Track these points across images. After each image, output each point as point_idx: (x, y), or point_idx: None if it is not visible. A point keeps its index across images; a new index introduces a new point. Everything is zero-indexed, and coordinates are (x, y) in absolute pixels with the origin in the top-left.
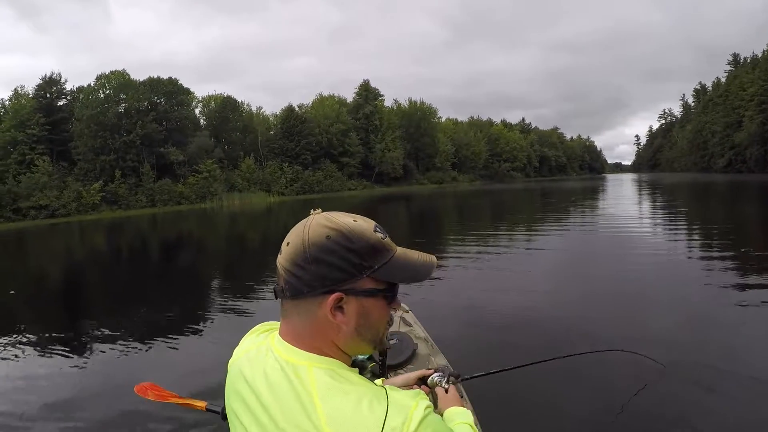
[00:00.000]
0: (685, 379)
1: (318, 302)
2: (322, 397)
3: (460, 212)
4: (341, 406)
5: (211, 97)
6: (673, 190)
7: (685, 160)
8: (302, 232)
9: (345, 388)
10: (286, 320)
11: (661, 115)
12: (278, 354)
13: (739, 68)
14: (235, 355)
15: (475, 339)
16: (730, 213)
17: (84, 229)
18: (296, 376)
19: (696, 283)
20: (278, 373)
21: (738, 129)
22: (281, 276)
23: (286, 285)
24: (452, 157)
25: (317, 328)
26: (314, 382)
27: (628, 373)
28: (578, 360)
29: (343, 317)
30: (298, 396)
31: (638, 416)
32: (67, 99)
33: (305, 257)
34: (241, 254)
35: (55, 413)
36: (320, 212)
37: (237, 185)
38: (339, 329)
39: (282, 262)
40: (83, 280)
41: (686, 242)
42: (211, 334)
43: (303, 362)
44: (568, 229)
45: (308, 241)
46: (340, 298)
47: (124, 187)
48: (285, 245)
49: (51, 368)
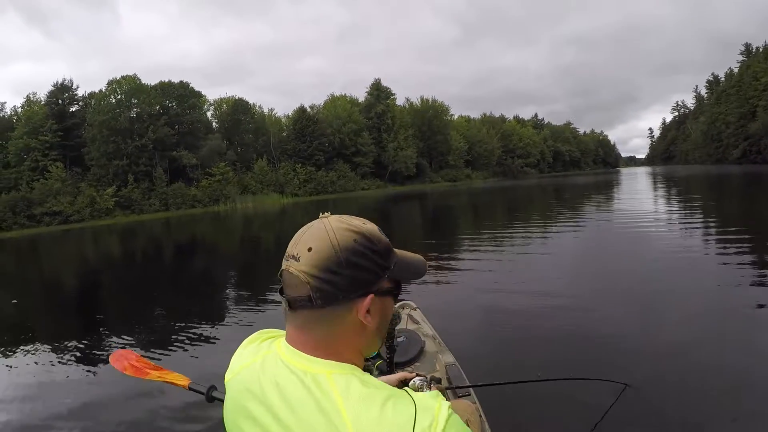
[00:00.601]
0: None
1: (350, 307)
2: (347, 406)
3: (473, 210)
4: (368, 412)
5: (222, 99)
6: (689, 183)
7: (699, 152)
8: (328, 237)
9: (369, 393)
10: (302, 330)
11: (674, 108)
12: (293, 364)
13: (751, 58)
14: (233, 369)
15: (484, 338)
16: (750, 207)
17: (98, 234)
18: (317, 387)
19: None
20: (296, 385)
21: (752, 119)
22: (303, 285)
23: (317, 293)
24: (465, 154)
25: (343, 334)
26: (336, 390)
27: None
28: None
29: (369, 318)
30: (322, 408)
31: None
32: (79, 105)
33: (339, 262)
34: (255, 257)
35: (66, 421)
36: (329, 215)
37: (250, 187)
38: (364, 331)
39: (305, 269)
40: (97, 285)
41: (708, 240)
42: (226, 340)
43: (322, 370)
44: (582, 226)
45: (339, 246)
46: (371, 301)
47: (138, 191)
48: (306, 251)
49: (64, 375)
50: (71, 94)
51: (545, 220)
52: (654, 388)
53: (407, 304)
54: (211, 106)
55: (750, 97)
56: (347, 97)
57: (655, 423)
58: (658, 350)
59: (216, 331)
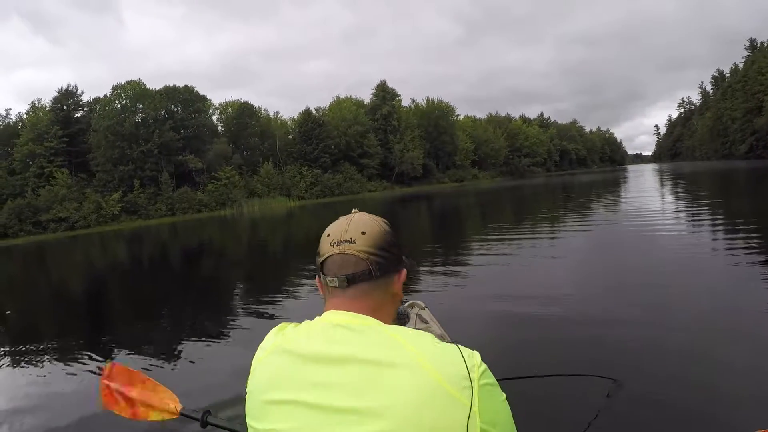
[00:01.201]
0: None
1: (392, 278)
2: (404, 339)
3: (481, 211)
4: (424, 343)
5: (228, 103)
6: (697, 179)
7: (705, 148)
8: (376, 224)
9: (416, 332)
10: (358, 300)
11: (679, 104)
12: (344, 322)
13: (756, 53)
14: (264, 350)
15: (492, 338)
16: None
17: (104, 240)
18: (372, 330)
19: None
20: (350, 334)
21: (758, 114)
22: (362, 261)
23: (375, 266)
24: (472, 154)
25: (386, 302)
26: (390, 331)
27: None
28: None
29: (399, 290)
30: (380, 340)
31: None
32: (84, 111)
33: (387, 241)
34: (263, 261)
35: (72, 428)
36: (359, 211)
37: (256, 191)
38: (395, 299)
39: (364, 248)
40: (103, 291)
41: (717, 238)
42: (234, 347)
43: (374, 323)
44: (590, 225)
45: (385, 230)
46: (406, 274)
47: (143, 196)
48: (360, 234)
49: (70, 383)
50: (76, 100)
51: (552, 220)
52: (656, 386)
53: (416, 303)
54: (216, 110)
55: (756, 92)
56: (353, 99)
57: (652, 420)
58: (663, 348)
59: (223, 339)
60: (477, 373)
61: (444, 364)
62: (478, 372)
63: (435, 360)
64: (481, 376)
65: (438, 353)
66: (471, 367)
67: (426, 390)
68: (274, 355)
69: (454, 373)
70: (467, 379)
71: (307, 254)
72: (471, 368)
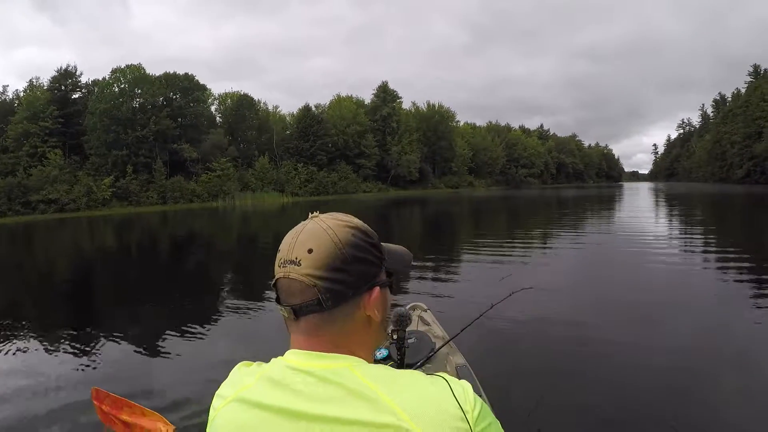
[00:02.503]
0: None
1: (357, 302)
2: (382, 389)
3: (475, 220)
4: (406, 389)
5: (227, 94)
6: (694, 201)
7: (702, 170)
8: (327, 235)
9: (397, 374)
10: (311, 335)
11: (679, 125)
12: (306, 366)
13: (759, 79)
14: (223, 399)
15: (492, 341)
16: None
17: (93, 224)
18: (343, 378)
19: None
20: (317, 384)
21: (757, 140)
22: (309, 288)
23: (327, 294)
24: (469, 161)
25: (354, 331)
26: (365, 378)
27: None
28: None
29: (376, 312)
30: (352, 391)
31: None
32: (82, 92)
33: (344, 259)
34: (252, 255)
35: (52, 414)
36: (318, 214)
37: (250, 184)
38: (370, 324)
39: (309, 272)
40: (88, 277)
41: (709, 261)
42: (217, 338)
43: (342, 365)
44: (583, 241)
45: (341, 242)
46: (378, 293)
47: (136, 183)
48: (306, 253)
49: (51, 367)
50: (74, 81)
51: (545, 236)
52: (650, 401)
53: (418, 306)
54: (215, 100)
55: (756, 118)
56: (353, 98)
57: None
58: (653, 363)
59: (207, 329)
60: (473, 419)
61: (433, 417)
62: (474, 417)
63: (421, 413)
64: (477, 420)
65: (425, 403)
66: (466, 414)
67: None
68: (233, 407)
69: (446, 426)
70: (462, 430)
71: None
72: (466, 413)
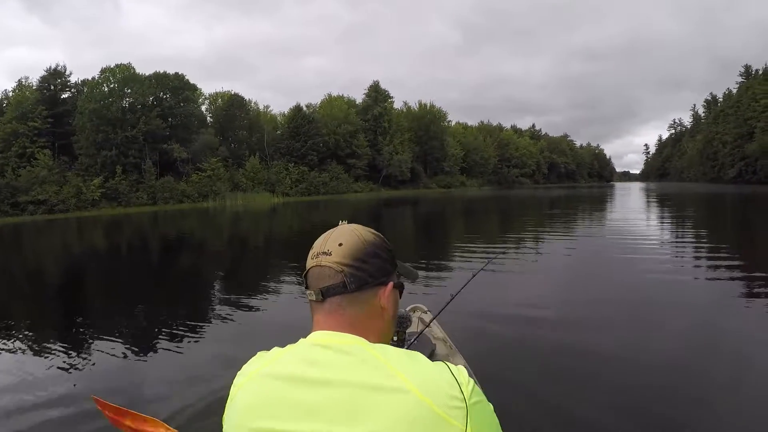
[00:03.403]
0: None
1: (374, 292)
2: (390, 361)
3: (466, 220)
4: (411, 364)
5: (218, 94)
6: (686, 203)
7: (694, 170)
8: (355, 234)
9: (405, 352)
10: (334, 314)
11: (671, 125)
12: (326, 342)
13: (751, 79)
14: (244, 376)
15: (489, 340)
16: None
17: (82, 225)
18: (357, 351)
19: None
20: (334, 355)
21: (749, 140)
22: (337, 274)
23: (350, 279)
24: (461, 161)
25: (370, 317)
26: (375, 352)
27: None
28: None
29: (387, 305)
30: (367, 363)
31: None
32: (71, 92)
33: (366, 252)
34: (243, 256)
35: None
36: (347, 223)
37: (241, 185)
38: (383, 317)
39: (339, 260)
40: (78, 279)
41: (700, 260)
42: (209, 339)
43: (356, 342)
44: (574, 239)
45: (365, 241)
46: (391, 288)
47: (125, 183)
48: (337, 246)
49: (40, 369)
50: (64, 80)
51: (536, 235)
52: (645, 399)
53: (418, 308)
54: (206, 99)
55: (748, 118)
56: (344, 98)
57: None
58: (644, 362)
59: (198, 331)
60: (467, 392)
61: (433, 385)
62: (468, 390)
63: (423, 382)
64: (471, 394)
65: (426, 374)
66: (461, 386)
67: (416, 414)
68: (256, 381)
69: (444, 394)
70: (458, 400)
71: (288, 251)
72: (461, 385)
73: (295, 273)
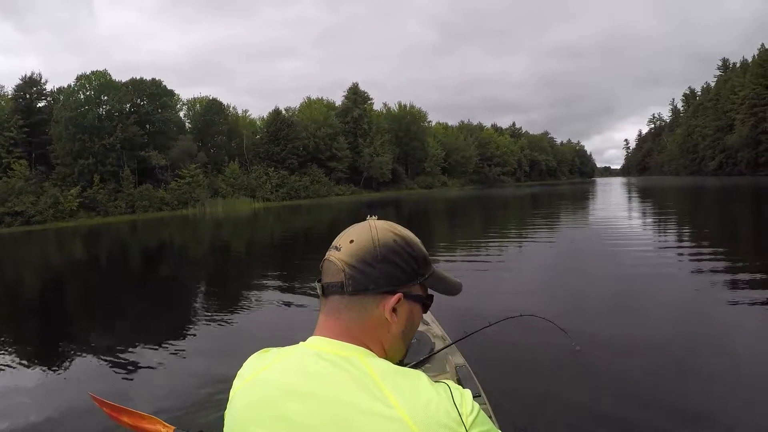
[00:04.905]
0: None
1: (377, 301)
2: (384, 381)
3: (449, 219)
4: (406, 386)
5: (196, 99)
6: (669, 194)
7: (675, 164)
8: (369, 233)
9: (402, 370)
10: (333, 317)
11: (650, 120)
12: (321, 350)
13: (729, 72)
14: (242, 379)
15: (491, 342)
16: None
17: (61, 236)
18: (351, 365)
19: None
20: (327, 368)
21: (729, 132)
22: (339, 272)
23: (349, 280)
24: (442, 161)
25: (370, 326)
26: (371, 368)
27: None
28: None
29: (395, 318)
30: (360, 382)
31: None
32: (47, 100)
33: (375, 255)
34: (225, 264)
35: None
36: (376, 218)
37: (221, 191)
38: (388, 330)
39: (344, 258)
40: (58, 290)
41: (682, 251)
42: (194, 349)
43: (353, 353)
44: (557, 235)
45: (378, 241)
46: (399, 299)
47: (103, 192)
48: (348, 243)
49: (20, 383)
50: (39, 89)
51: (520, 232)
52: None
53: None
54: (184, 105)
55: (727, 111)
56: (324, 101)
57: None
58: (628, 354)
59: (182, 341)
60: (468, 422)
61: (426, 415)
62: (469, 420)
63: (416, 410)
64: (472, 424)
65: (421, 402)
66: (462, 416)
67: None
68: (253, 386)
69: (437, 424)
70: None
71: (270, 258)
72: (462, 415)
73: (279, 279)
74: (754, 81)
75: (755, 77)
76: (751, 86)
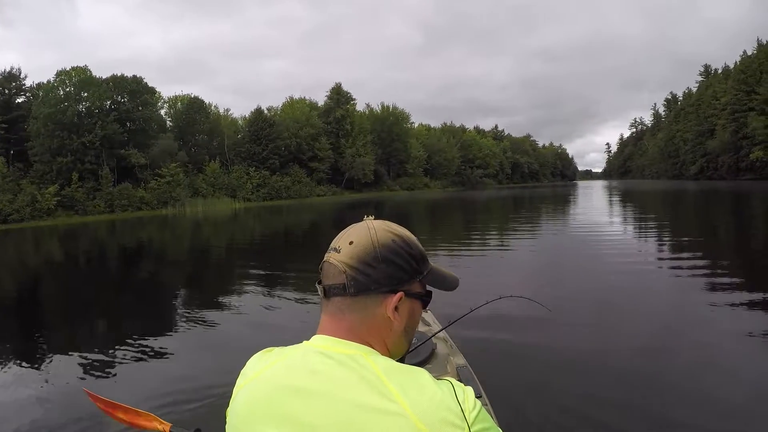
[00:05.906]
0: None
1: (380, 300)
2: (390, 379)
3: (431, 220)
4: (412, 383)
5: (177, 97)
6: (647, 199)
7: (656, 168)
8: (368, 234)
9: (408, 368)
10: (337, 318)
11: (632, 124)
12: (327, 349)
13: (710, 78)
14: (245, 377)
15: (491, 342)
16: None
17: (38, 236)
18: (357, 364)
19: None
20: (334, 366)
21: (710, 137)
22: (340, 274)
23: (351, 282)
24: (424, 163)
25: (373, 326)
26: (376, 366)
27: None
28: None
29: (398, 316)
30: (366, 380)
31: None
32: (27, 96)
33: (375, 256)
34: (205, 264)
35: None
36: (373, 218)
37: (201, 190)
38: (391, 328)
39: (345, 260)
40: (36, 291)
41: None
42: (176, 349)
43: (358, 352)
44: (539, 235)
45: (378, 242)
46: (400, 298)
47: (82, 191)
48: (347, 244)
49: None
50: (18, 84)
51: (503, 233)
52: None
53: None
54: (165, 103)
55: (708, 116)
56: (306, 101)
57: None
58: (611, 354)
59: (164, 341)
60: (470, 419)
61: (430, 411)
62: (471, 417)
63: (420, 406)
64: (474, 420)
65: (425, 398)
66: (465, 412)
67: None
68: (257, 384)
69: (441, 420)
70: (458, 428)
71: (250, 258)
72: (464, 411)
73: (260, 279)
74: (735, 87)
75: (737, 83)
76: (733, 92)
